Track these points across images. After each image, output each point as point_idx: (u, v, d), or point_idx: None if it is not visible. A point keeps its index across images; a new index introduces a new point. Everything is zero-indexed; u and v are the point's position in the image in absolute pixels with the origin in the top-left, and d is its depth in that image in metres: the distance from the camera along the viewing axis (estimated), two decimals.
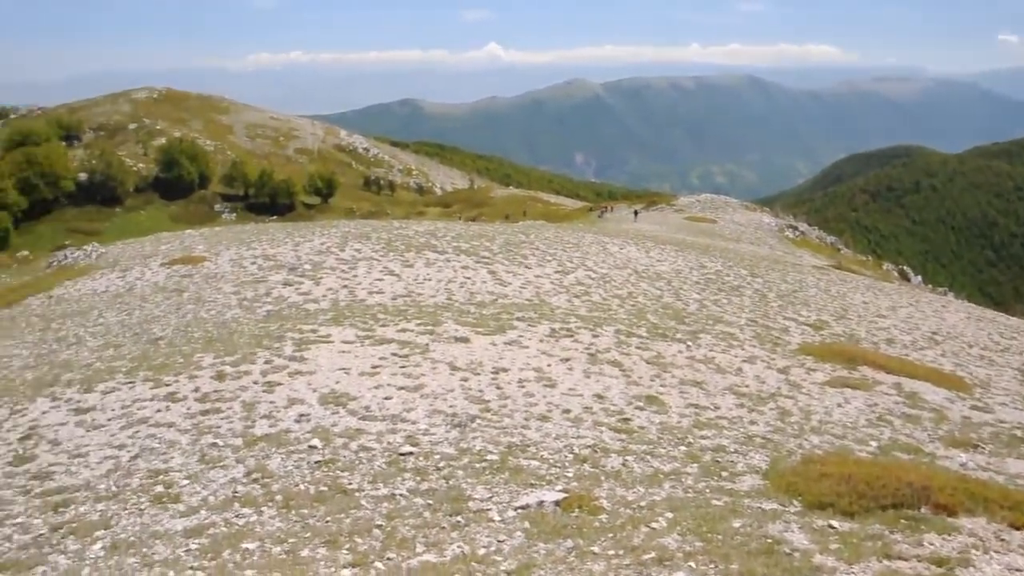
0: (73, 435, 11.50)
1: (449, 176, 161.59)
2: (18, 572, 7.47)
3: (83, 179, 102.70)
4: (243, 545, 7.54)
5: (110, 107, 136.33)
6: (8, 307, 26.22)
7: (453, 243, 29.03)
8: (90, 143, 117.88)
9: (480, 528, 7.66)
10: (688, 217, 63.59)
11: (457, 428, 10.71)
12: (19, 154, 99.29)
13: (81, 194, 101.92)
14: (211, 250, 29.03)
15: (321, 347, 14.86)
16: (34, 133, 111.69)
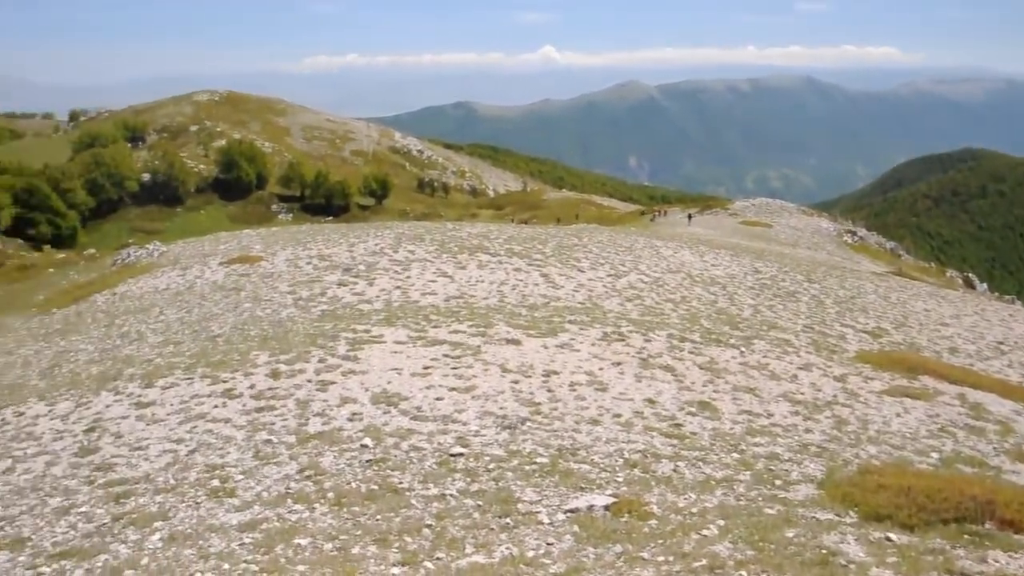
0: (134, 428, 11.80)
1: (502, 179, 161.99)
2: (82, 559, 7.69)
3: (146, 179, 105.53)
4: (295, 541, 7.65)
5: (173, 109, 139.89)
6: (76, 303, 27.06)
7: (506, 245, 29.09)
8: (154, 144, 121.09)
9: (529, 530, 7.66)
10: (743, 221, 62.75)
11: (507, 430, 10.72)
12: (88, 155, 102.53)
13: (144, 194, 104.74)
14: (268, 250, 29.55)
15: (374, 347, 15.01)
16: (102, 135, 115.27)
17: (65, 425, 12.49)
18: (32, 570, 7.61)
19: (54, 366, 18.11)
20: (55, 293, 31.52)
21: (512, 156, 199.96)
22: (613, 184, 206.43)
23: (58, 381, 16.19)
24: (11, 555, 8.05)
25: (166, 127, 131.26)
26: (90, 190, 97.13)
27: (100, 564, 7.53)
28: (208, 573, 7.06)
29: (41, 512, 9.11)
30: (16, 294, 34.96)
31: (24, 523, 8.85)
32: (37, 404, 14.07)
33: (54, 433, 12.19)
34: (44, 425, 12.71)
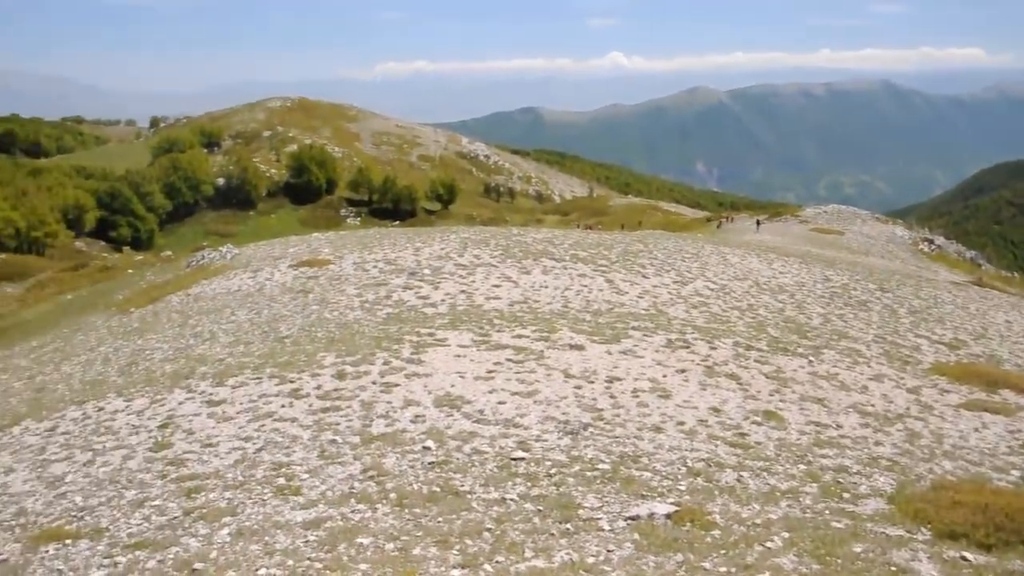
0: (205, 426, 12.13)
1: (568, 184, 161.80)
2: (155, 551, 7.94)
3: (221, 184, 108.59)
4: (358, 540, 7.76)
5: (247, 115, 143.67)
6: (152, 303, 27.95)
7: (571, 251, 29.04)
8: (228, 150, 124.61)
9: (589, 537, 7.62)
10: (814, 228, 61.37)
11: (569, 435, 10.69)
12: (166, 160, 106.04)
13: (219, 198, 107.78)
14: (336, 253, 30.06)
15: (438, 350, 15.15)
16: (180, 141, 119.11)
17: (141, 421, 12.92)
18: (109, 559, 7.90)
19: (131, 363, 18.74)
20: (133, 293, 32.61)
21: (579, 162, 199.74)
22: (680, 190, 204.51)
23: (135, 378, 16.75)
24: (91, 544, 8.36)
25: (240, 133, 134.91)
26: (168, 194, 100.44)
27: (171, 556, 7.76)
28: (273, 569, 7.22)
29: (118, 504, 9.44)
30: (98, 294, 36.31)
31: (102, 514, 9.18)
32: (116, 400, 14.58)
33: (130, 428, 12.61)
34: (121, 420, 13.16)
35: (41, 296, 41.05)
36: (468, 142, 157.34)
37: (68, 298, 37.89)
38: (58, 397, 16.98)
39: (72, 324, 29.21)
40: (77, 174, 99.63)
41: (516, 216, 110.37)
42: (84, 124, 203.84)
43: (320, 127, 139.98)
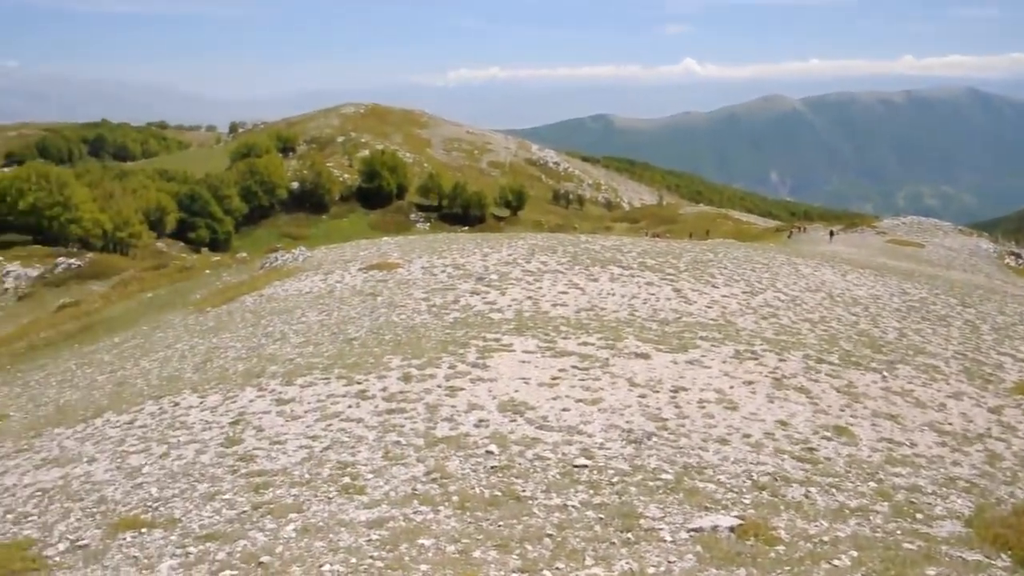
0: (274, 423, 12.42)
1: (638, 192, 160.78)
2: (224, 543, 8.16)
3: (295, 188, 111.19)
4: (419, 541, 7.84)
5: (322, 121, 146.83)
6: (227, 303, 28.73)
7: (639, 259, 28.84)
8: (303, 154, 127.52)
9: (651, 547, 7.55)
10: (891, 240, 59.64)
11: (633, 444, 10.61)
12: (243, 165, 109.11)
13: (292, 201, 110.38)
14: (405, 257, 30.44)
15: (503, 356, 15.20)
16: (257, 146, 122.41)
17: (213, 416, 13.29)
18: (181, 549, 8.15)
19: (206, 361, 19.30)
20: (210, 293, 33.59)
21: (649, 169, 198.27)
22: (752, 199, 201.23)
23: (209, 375, 17.24)
24: (164, 533, 8.65)
25: (315, 138, 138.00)
26: (244, 197, 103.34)
27: (239, 549, 7.97)
28: (337, 566, 7.34)
29: (190, 496, 9.73)
30: (177, 293, 37.51)
31: (176, 505, 9.48)
32: (190, 396, 15.04)
33: (204, 424, 12.99)
34: (195, 416, 13.57)
35: (124, 294, 42.63)
36: (538, 149, 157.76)
37: (149, 296, 39.24)
38: (137, 391, 17.60)
39: (152, 322, 30.23)
40: (160, 177, 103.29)
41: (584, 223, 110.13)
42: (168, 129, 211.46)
43: (392, 133, 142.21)
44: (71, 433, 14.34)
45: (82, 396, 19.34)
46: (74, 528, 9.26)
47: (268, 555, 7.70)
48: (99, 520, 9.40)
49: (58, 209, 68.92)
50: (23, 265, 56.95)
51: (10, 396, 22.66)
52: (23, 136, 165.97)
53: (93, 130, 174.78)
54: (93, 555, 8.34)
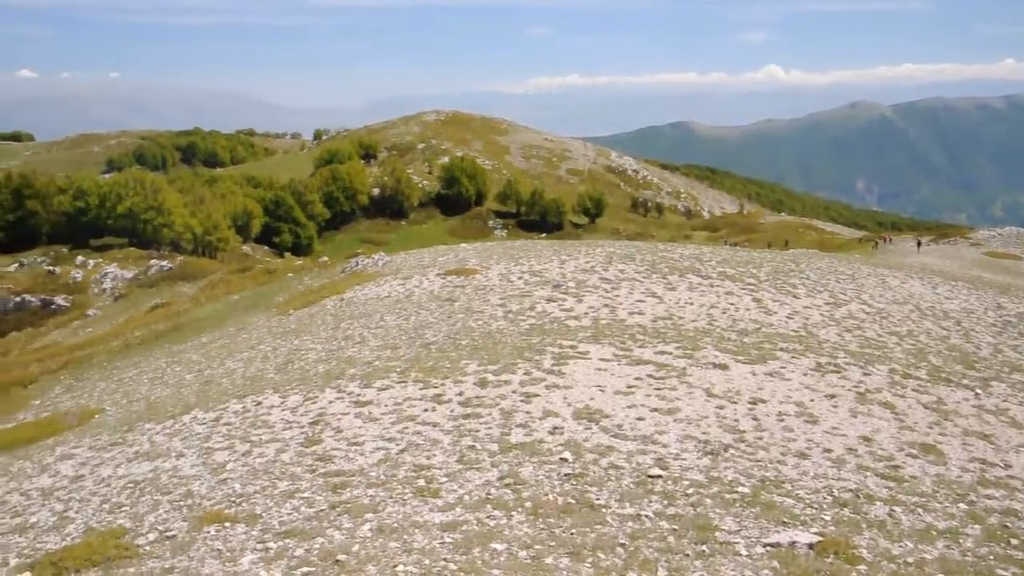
0: (352, 425, 12.67)
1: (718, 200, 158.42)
2: (302, 540, 8.37)
3: (376, 194, 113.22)
4: (492, 545, 7.88)
5: (402, 128, 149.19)
6: (308, 306, 29.44)
7: (718, 268, 28.41)
8: (384, 161, 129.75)
9: (725, 560, 7.42)
10: (987, 252, 57.19)
11: (709, 456, 10.45)
12: (326, 171, 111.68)
13: (373, 207, 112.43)
14: (483, 263, 30.68)
15: (579, 363, 15.17)
16: (339, 152, 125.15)
17: (294, 416, 13.64)
18: (261, 544, 8.39)
19: (288, 362, 19.81)
20: (292, 296, 34.48)
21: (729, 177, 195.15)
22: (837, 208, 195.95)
23: (290, 376, 17.69)
24: (246, 528, 8.92)
25: (395, 145, 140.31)
26: (327, 203, 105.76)
27: (317, 547, 8.15)
28: (410, 567, 7.44)
29: (271, 493, 10.01)
30: (261, 295, 38.62)
31: (257, 502, 9.76)
32: (272, 396, 15.47)
33: (284, 423, 13.34)
34: (277, 415, 13.95)
35: (212, 296, 44.12)
36: (617, 156, 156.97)
37: (235, 298, 40.52)
38: (222, 390, 18.18)
39: (237, 323, 31.20)
40: (247, 183, 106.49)
41: (663, 231, 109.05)
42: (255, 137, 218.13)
43: (472, 140, 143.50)
44: (161, 429, 14.92)
45: (171, 393, 20.08)
46: (163, 519, 9.63)
47: (345, 553, 7.86)
48: (186, 513, 9.75)
49: (152, 213, 71.77)
50: (120, 267, 59.51)
51: (106, 392, 23.71)
52: (122, 144, 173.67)
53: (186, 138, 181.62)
54: (180, 546, 8.66)
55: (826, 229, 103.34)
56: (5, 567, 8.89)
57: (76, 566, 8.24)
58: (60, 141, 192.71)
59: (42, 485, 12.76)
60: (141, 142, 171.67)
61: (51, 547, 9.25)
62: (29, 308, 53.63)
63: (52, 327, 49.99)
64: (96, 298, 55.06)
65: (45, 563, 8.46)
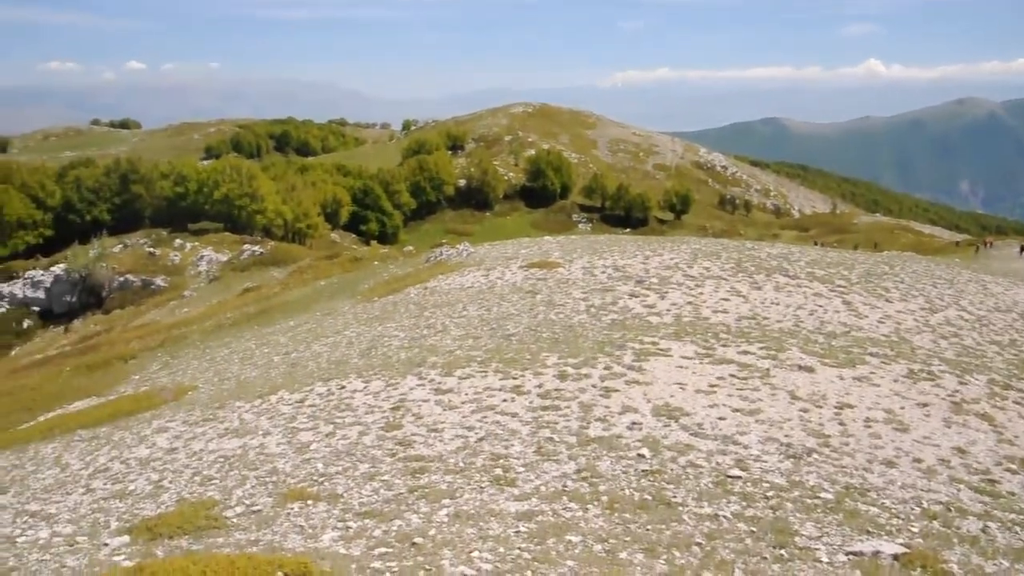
0: (432, 412, 12.87)
1: (809, 199, 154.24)
2: (381, 521, 8.57)
3: (462, 185, 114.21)
4: (567, 537, 7.91)
5: (490, 120, 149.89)
6: (392, 294, 29.97)
7: (807, 268, 27.68)
8: (471, 152, 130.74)
9: (805, 566, 7.26)
10: None
11: (791, 459, 10.22)
12: (414, 161, 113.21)
13: (459, 198, 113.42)
14: (566, 257, 30.65)
15: (660, 360, 15.03)
16: (427, 143, 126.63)
17: (376, 401, 13.94)
18: (342, 523, 8.62)
19: (371, 348, 20.22)
20: (377, 284, 35.14)
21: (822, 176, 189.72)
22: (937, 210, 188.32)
23: (373, 362, 18.06)
24: (328, 507, 9.18)
25: (483, 136, 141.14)
26: (413, 192, 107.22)
27: (395, 528, 8.33)
28: (485, 553, 7.53)
29: (352, 475, 10.27)
30: (347, 282, 39.50)
31: (339, 482, 10.03)
32: (355, 380, 15.83)
33: (367, 407, 13.65)
34: (359, 399, 14.28)
35: (300, 281, 45.35)
36: (705, 152, 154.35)
37: (322, 284, 41.54)
38: (308, 373, 18.70)
39: (323, 308, 32.00)
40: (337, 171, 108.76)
41: (750, 230, 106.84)
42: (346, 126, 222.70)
43: (559, 133, 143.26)
44: (249, 407, 15.46)
45: (260, 374, 20.76)
46: (249, 494, 10.00)
47: (421, 537, 8.01)
48: (271, 489, 10.10)
49: (246, 200, 74.05)
50: (215, 250, 61.71)
51: (199, 370, 24.67)
52: (220, 132, 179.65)
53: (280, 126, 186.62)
54: (265, 520, 8.97)
55: (924, 231, 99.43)
56: (107, 529, 9.38)
57: (170, 533, 8.63)
58: (163, 129, 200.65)
59: (140, 455, 13.39)
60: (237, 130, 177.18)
61: (147, 514, 9.72)
62: (131, 288, 56.16)
63: (151, 306, 52.25)
64: (192, 280, 57.26)
65: (142, 528, 8.90)
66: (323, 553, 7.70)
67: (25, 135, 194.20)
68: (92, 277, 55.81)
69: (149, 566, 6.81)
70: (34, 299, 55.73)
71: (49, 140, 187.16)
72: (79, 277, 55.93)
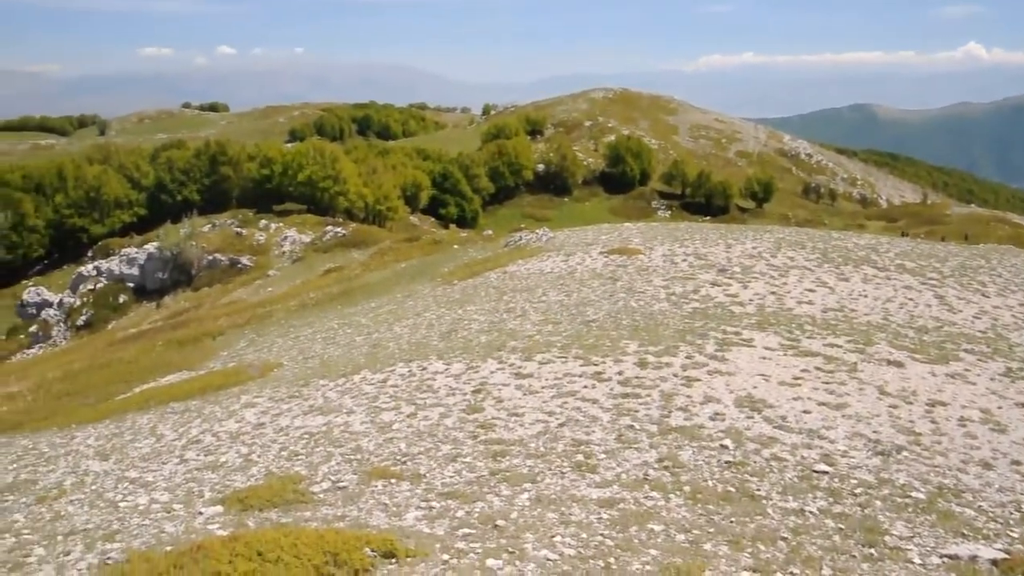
0: (513, 396, 12.95)
1: (898, 188, 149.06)
2: (463, 502, 8.69)
3: (540, 170, 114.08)
4: (649, 525, 7.89)
5: (570, 105, 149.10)
6: (472, 278, 30.20)
7: (896, 260, 26.79)
8: (550, 137, 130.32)
9: (896, 567, 7.07)
10: None
11: (880, 456, 9.95)
12: (493, 146, 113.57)
13: (537, 183, 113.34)
14: (646, 244, 30.36)
15: (742, 350, 14.79)
16: (507, 128, 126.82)
17: (457, 384, 14.10)
18: (425, 503, 8.78)
19: (451, 331, 20.44)
20: (456, 267, 35.46)
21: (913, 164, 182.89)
22: None
23: (453, 344, 18.27)
24: (411, 486, 9.36)
25: (562, 122, 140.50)
26: (492, 177, 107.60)
27: (477, 510, 8.44)
28: (568, 538, 7.57)
29: (434, 455, 10.44)
30: (427, 265, 39.97)
31: (421, 462, 10.21)
32: (436, 362, 16.05)
33: (448, 389, 13.83)
34: (440, 381, 14.47)
35: (381, 263, 46.10)
36: (790, 139, 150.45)
37: (402, 266, 42.15)
38: (389, 353, 19.03)
39: (404, 290, 32.47)
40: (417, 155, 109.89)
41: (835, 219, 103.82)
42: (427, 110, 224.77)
43: (639, 119, 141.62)
44: (333, 386, 15.84)
45: (343, 353, 21.22)
46: (335, 471, 10.26)
47: (503, 519, 8.10)
48: (355, 466, 10.34)
49: (329, 182, 75.53)
50: (298, 231, 63.15)
51: (284, 348, 25.37)
52: (304, 115, 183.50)
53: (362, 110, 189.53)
54: (350, 497, 9.20)
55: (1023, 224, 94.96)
56: (201, 498, 9.76)
57: (260, 505, 8.93)
58: (250, 112, 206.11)
59: (230, 429, 13.88)
60: (321, 114, 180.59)
61: (238, 485, 10.08)
62: (219, 266, 57.99)
63: (238, 285, 53.89)
64: (276, 260, 58.78)
65: (234, 499, 9.23)
66: (407, 532, 7.86)
67: (122, 118, 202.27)
68: (182, 255, 57.83)
69: (243, 536, 7.06)
70: (129, 275, 58.10)
71: (144, 122, 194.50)
72: (170, 255, 58.02)
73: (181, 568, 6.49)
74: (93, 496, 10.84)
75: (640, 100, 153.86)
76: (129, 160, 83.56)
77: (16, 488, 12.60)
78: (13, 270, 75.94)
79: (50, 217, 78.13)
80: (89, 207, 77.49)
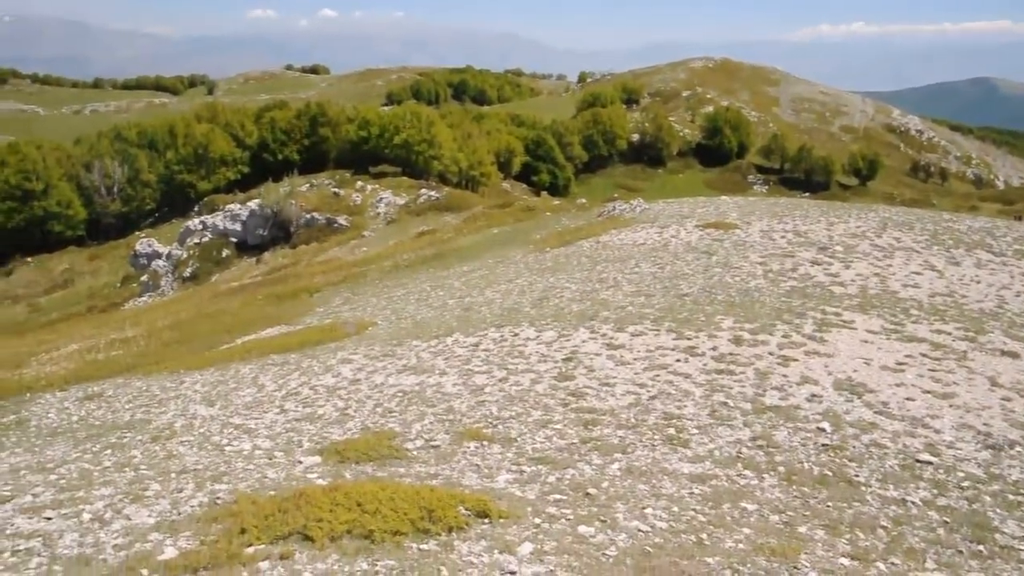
0: (604, 366, 12.91)
1: (1018, 169, 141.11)
2: (554, 468, 8.75)
3: (635, 139, 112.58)
4: (742, 504, 7.78)
5: (668, 74, 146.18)
6: (564, 246, 30.13)
7: (1014, 245, 25.41)
8: (646, 107, 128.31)
9: (1007, 566, 6.77)
10: None
11: (990, 449, 9.52)
12: (588, 114, 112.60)
13: (631, 153, 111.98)
14: (743, 219, 29.66)
15: (843, 332, 14.35)
16: (602, 96, 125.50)
17: (548, 351, 14.14)
18: (516, 467, 8.87)
19: (543, 298, 20.47)
20: (549, 235, 35.42)
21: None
22: None
23: (545, 311, 18.29)
24: (502, 449, 9.46)
25: (659, 91, 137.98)
26: (585, 145, 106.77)
27: (568, 477, 8.48)
28: (659, 511, 7.53)
29: (525, 420, 10.52)
30: (519, 231, 40.07)
31: (512, 426, 10.31)
32: (528, 329, 16.12)
33: (539, 356, 13.88)
34: (532, 348, 14.53)
35: (473, 227, 46.43)
36: (899, 114, 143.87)
37: (494, 232, 42.36)
38: (481, 318, 19.20)
39: (496, 255, 32.65)
40: (511, 121, 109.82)
41: (945, 200, 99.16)
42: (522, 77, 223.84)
43: (739, 90, 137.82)
44: (426, 347, 16.10)
45: (435, 315, 21.53)
46: (428, 429, 10.46)
47: (594, 488, 8.11)
48: (448, 427, 10.52)
49: (424, 146, 76.23)
50: (393, 193, 64.09)
51: (378, 307, 25.90)
52: (401, 79, 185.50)
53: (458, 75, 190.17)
54: (443, 455, 9.37)
55: None
56: (300, 448, 10.11)
57: (356, 458, 9.19)
58: (349, 75, 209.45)
59: (327, 383, 14.29)
60: (418, 78, 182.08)
61: (335, 438, 10.39)
62: (316, 225, 59.45)
63: (334, 244, 55.18)
64: (371, 221, 59.88)
65: (331, 450, 9.52)
66: (499, 493, 7.96)
67: (228, 78, 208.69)
68: (282, 213, 59.50)
69: (343, 487, 7.29)
70: (232, 231, 60.18)
71: (248, 83, 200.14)
72: (271, 212, 59.78)
73: (285, 512, 6.74)
74: (201, 439, 11.36)
75: (741, 70, 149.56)
76: (235, 119, 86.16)
77: (133, 426, 13.33)
78: (129, 221, 79.96)
79: (161, 172, 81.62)
80: (197, 164, 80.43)
